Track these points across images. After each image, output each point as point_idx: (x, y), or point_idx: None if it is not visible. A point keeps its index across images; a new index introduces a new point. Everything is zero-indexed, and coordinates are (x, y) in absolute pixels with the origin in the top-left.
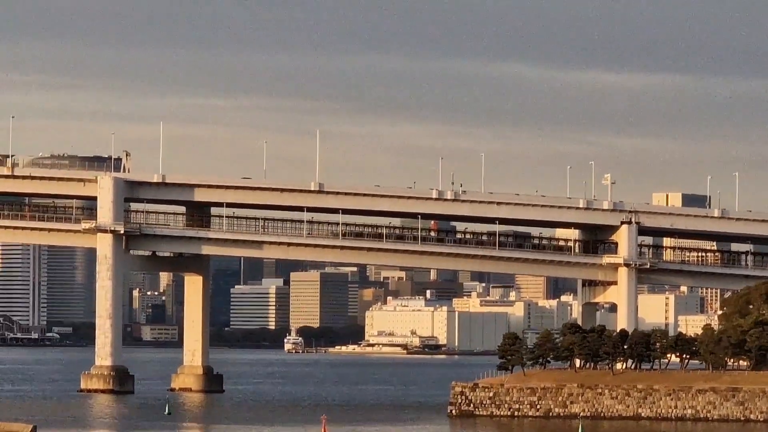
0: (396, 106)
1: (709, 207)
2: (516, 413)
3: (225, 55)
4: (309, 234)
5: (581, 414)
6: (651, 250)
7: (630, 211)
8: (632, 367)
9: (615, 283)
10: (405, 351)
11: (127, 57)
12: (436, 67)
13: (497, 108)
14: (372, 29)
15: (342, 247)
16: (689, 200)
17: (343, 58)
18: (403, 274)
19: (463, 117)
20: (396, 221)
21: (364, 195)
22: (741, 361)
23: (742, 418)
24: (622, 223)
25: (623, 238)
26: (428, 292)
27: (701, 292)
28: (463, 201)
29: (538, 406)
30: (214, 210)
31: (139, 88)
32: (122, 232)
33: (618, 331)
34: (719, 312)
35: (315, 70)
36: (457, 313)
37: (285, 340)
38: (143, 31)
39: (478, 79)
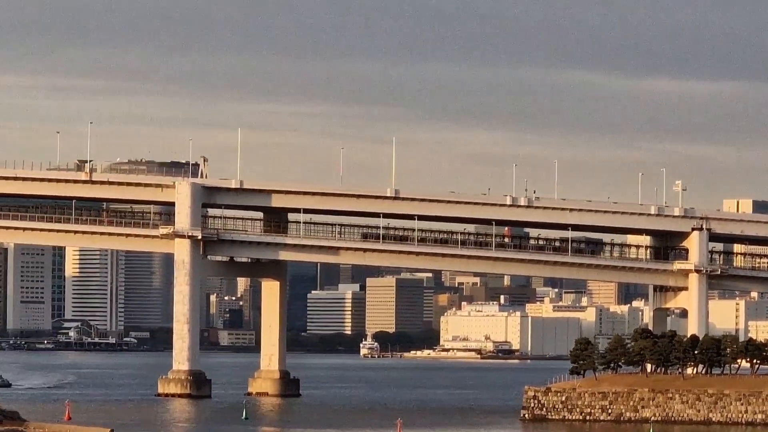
0: (469, 115)
1: None
2: (588, 417)
3: (302, 64)
4: (385, 240)
5: (652, 418)
6: (721, 256)
7: (701, 218)
8: (703, 372)
9: (686, 288)
10: (479, 356)
11: (205, 64)
12: (508, 76)
13: (569, 116)
14: (444, 41)
15: (417, 253)
16: (760, 206)
17: (418, 68)
18: (477, 279)
19: (536, 125)
20: (470, 227)
21: (439, 201)
22: None
23: None
24: (693, 229)
25: (694, 244)
26: (502, 297)
27: None
28: (537, 207)
29: (610, 411)
30: (291, 216)
31: (217, 95)
32: (200, 237)
33: (689, 336)
34: None
35: (391, 80)
36: (530, 318)
37: (361, 345)
38: (221, 39)
39: (550, 88)
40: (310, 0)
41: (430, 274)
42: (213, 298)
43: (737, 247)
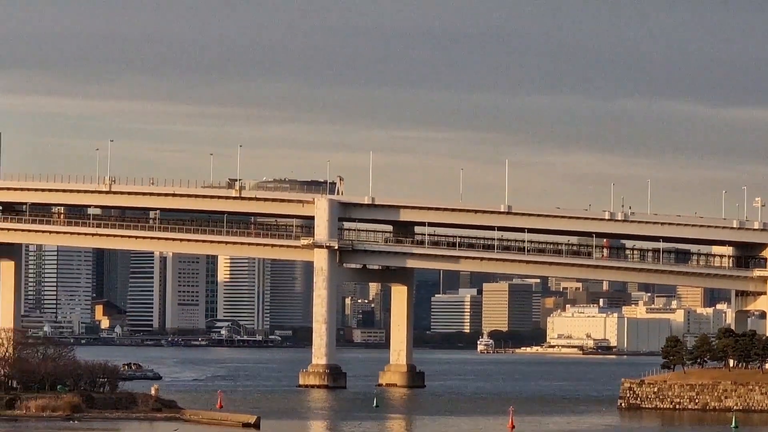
0: (574, 140)
1: None
2: (677, 406)
3: (427, 95)
4: (499, 250)
5: (734, 408)
6: None
7: None
8: None
9: (764, 293)
10: (581, 352)
11: (341, 94)
12: (609, 106)
13: (662, 141)
14: (553, 73)
15: (527, 262)
16: None
17: (530, 99)
18: (579, 285)
19: (632, 149)
20: (573, 239)
21: (547, 216)
22: None
23: None
24: None
25: None
26: (601, 300)
27: None
28: (632, 222)
29: (697, 401)
30: (417, 228)
31: (353, 122)
32: (336, 247)
33: (767, 335)
34: None
35: (505, 107)
36: (626, 318)
37: (478, 342)
38: (355, 71)
39: (645, 116)
40: (434, 40)
41: (538, 280)
42: (348, 300)
43: None
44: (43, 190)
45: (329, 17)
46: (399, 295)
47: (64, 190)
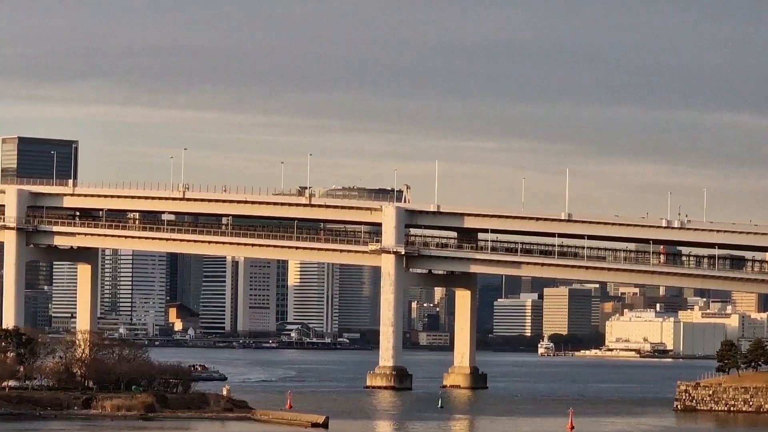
0: (632, 149)
1: None
2: (731, 408)
3: (491, 105)
4: (559, 256)
5: None
6: None
7: None
8: None
9: None
10: (638, 355)
11: (409, 106)
12: (666, 117)
13: (716, 152)
14: (613, 86)
15: (587, 267)
16: None
17: (590, 109)
18: (637, 290)
19: (688, 159)
20: (631, 246)
21: (605, 224)
22: None
23: None
24: None
25: None
26: (658, 305)
27: None
28: (688, 229)
29: (751, 403)
30: (480, 235)
31: (419, 132)
32: (403, 253)
33: None
34: None
35: (567, 119)
36: (682, 323)
37: (539, 345)
38: (422, 84)
39: (701, 127)
40: (498, 54)
41: (597, 285)
42: (414, 304)
43: None
44: (118, 196)
45: (396, 32)
46: (463, 299)
47: (139, 197)
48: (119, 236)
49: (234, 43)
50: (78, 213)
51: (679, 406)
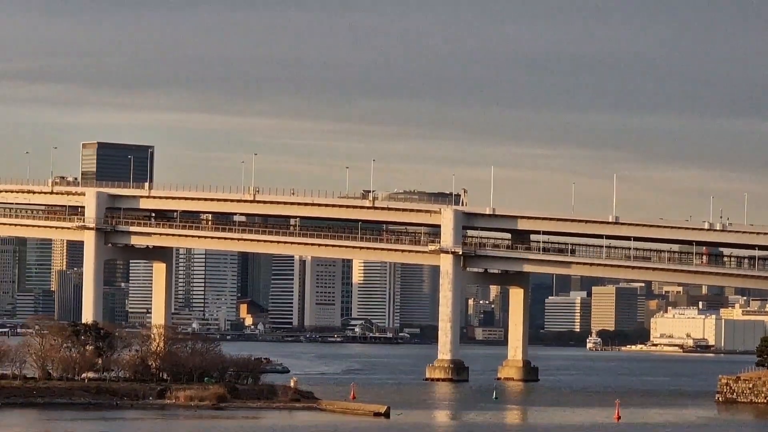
0: (677, 155)
1: None
2: None
3: (543, 114)
4: (607, 256)
5: None
6: None
7: None
8: None
9: None
10: (681, 350)
11: (467, 114)
12: (708, 124)
13: (758, 157)
14: (659, 94)
15: (633, 267)
16: None
17: (637, 117)
18: (680, 288)
19: (730, 164)
20: (675, 247)
21: (650, 226)
22: None
23: None
24: None
25: None
26: (700, 303)
27: None
28: (729, 231)
29: None
30: (533, 236)
31: (476, 139)
32: (460, 253)
33: None
34: None
35: (614, 126)
36: (723, 320)
37: (587, 340)
38: (479, 93)
39: (742, 133)
40: (549, 64)
41: (642, 284)
42: (470, 301)
43: None
44: (192, 198)
45: (455, 44)
46: (516, 296)
47: (211, 199)
48: (193, 236)
49: (302, 54)
50: (154, 214)
51: (720, 399)
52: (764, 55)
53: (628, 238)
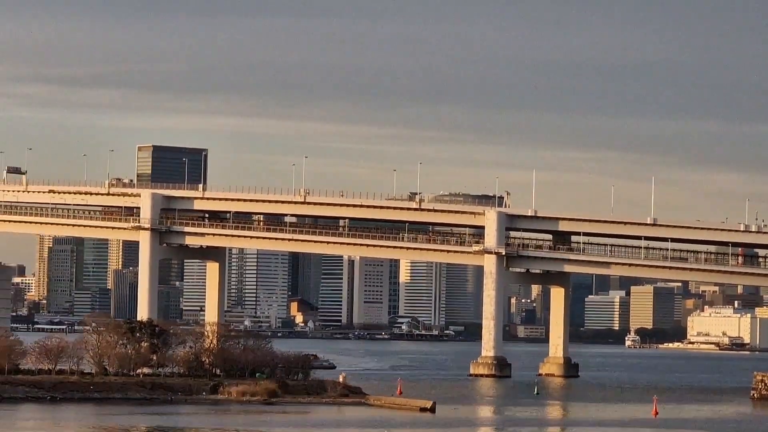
0: (713, 159)
1: None
2: None
3: (584, 118)
4: (645, 257)
5: None
6: None
7: None
8: None
9: None
10: (717, 348)
11: (510, 119)
12: (744, 128)
13: None
14: (696, 99)
15: (670, 268)
16: None
17: (675, 122)
18: (716, 288)
19: (765, 167)
20: (712, 248)
21: (688, 228)
22: None
23: None
24: None
25: None
26: (736, 302)
27: None
28: (764, 233)
29: None
30: (573, 237)
31: (519, 143)
32: (503, 253)
33: None
34: None
35: (652, 130)
36: (758, 318)
37: (626, 338)
38: (522, 99)
39: None
40: (590, 71)
41: (680, 284)
42: (513, 300)
43: None
44: (244, 200)
45: (497, 51)
46: (557, 295)
47: (263, 201)
48: (245, 236)
49: (351, 61)
50: (207, 215)
51: (755, 395)
52: None
53: (665, 240)
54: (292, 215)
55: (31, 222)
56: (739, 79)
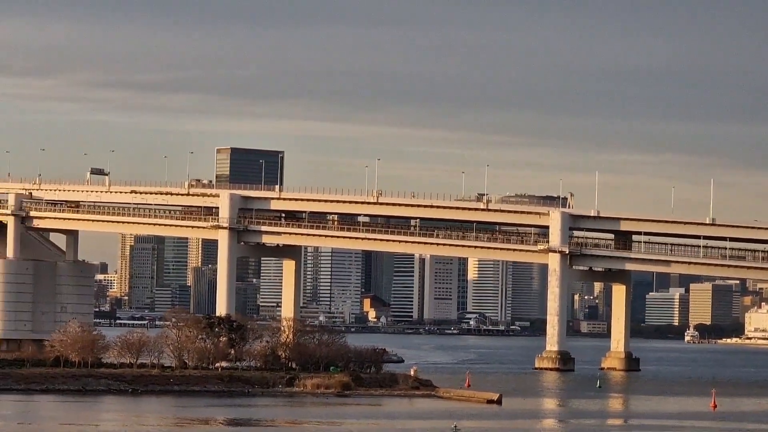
0: None
1: None
2: None
3: (644, 123)
4: (704, 255)
5: None
6: None
7: None
8: None
9: None
10: None
11: (573, 123)
12: None
13: None
14: (752, 104)
15: (728, 266)
16: None
17: (732, 126)
18: None
19: None
20: None
21: (745, 227)
22: None
23: None
24: None
25: None
26: None
27: None
28: None
29: None
30: (634, 237)
31: (582, 147)
32: (567, 252)
33: None
34: None
35: (712, 134)
36: None
37: (685, 334)
38: (585, 105)
39: None
40: (650, 77)
41: (737, 281)
42: (576, 297)
43: None
44: (319, 200)
45: (562, 59)
46: (619, 292)
47: (337, 201)
48: (320, 235)
49: (421, 68)
50: (283, 215)
51: None
52: None
53: (724, 239)
54: (365, 215)
55: (113, 221)
56: None
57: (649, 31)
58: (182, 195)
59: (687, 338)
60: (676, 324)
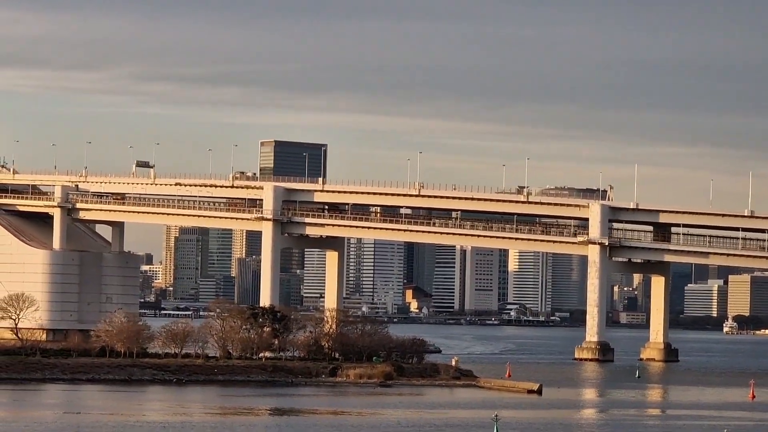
0: None
1: None
2: None
3: (684, 116)
4: (743, 247)
5: None
6: None
7: None
8: None
9: None
10: None
11: (614, 117)
12: None
13: None
14: None
15: (767, 257)
16: None
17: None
18: None
19: None
20: None
21: None
22: None
23: None
24: None
25: None
26: None
27: None
28: None
29: None
30: (673, 229)
31: (622, 140)
32: (607, 244)
33: None
34: None
35: (750, 127)
36: None
37: (724, 325)
38: (623, 98)
39: None
40: (692, 70)
41: None
42: (615, 288)
43: None
44: (362, 192)
45: (602, 52)
46: (658, 284)
47: (380, 193)
48: (363, 227)
49: (463, 62)
50: (327, 207)
51: None
52: None
53: (763, 231)
54: (407, 207)
55: (158, 213)
56: None
57: (686, 23)
58: (226, 187)
59: (725, 329)
60: (715, 315)
